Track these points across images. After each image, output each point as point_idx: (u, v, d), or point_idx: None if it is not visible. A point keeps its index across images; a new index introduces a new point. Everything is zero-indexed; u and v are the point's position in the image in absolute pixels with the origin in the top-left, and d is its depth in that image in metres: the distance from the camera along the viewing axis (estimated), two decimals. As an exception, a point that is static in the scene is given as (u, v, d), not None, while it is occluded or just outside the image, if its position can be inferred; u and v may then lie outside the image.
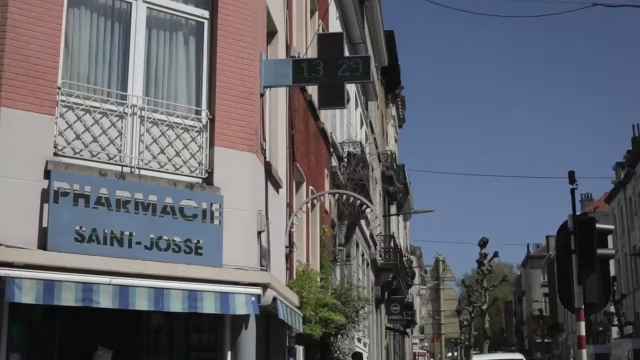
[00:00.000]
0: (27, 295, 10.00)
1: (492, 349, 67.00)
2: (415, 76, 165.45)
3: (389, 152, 46.84)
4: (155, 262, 11.17)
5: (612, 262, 56.06)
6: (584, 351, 12.40)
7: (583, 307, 12.06)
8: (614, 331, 64.62)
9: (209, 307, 11.26)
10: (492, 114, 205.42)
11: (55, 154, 10.94)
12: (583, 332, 12.37)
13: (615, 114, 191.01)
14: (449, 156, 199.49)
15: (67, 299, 10.32)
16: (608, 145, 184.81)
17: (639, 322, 60.23)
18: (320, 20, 22.96)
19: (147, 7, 12.36)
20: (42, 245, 10.48)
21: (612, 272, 54.80)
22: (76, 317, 11.79)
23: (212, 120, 12.46)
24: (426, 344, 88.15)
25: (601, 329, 70.94)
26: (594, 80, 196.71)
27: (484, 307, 53.74)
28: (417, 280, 68.64)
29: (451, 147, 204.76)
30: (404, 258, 50.17)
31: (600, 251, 12.17)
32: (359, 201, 20.38)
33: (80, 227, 10.72)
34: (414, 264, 67.45)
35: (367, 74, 13.45)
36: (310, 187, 20.31)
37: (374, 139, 39.95)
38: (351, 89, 29.12)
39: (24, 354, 10.87)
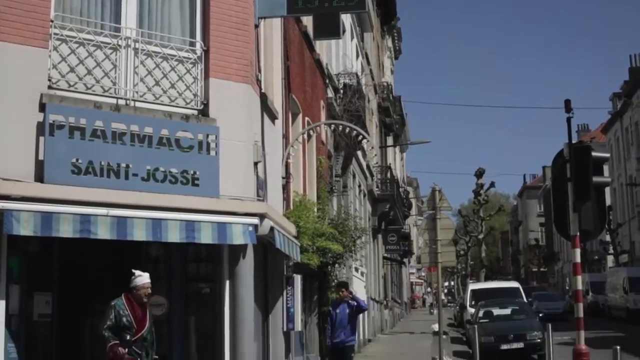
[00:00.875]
0: (25, 228, 10.07)
1: (489, 278, 67.64)
2: (412, 7, 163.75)
3: (385, 84, 46.62)
4: (152, 193, 11.23)
5: (608, 192, 56.23)
6: (579, 278, 12.52)
7: (578, 234, 12.13)
8: (610, 260, 65.14)
9: (206, 237, 11.35)
10: (491, 49, 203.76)
11: (49, 87, 10.92)
12: (578, 259, 12.46)
13: (612, 45, 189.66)
14: (447, 89, 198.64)
15: (65, 230, 10.39)
16: (605, 76, 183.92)
17: (634, 250, 60.71)
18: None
19: (140, -63, 12.21)
20: (39, 178, 10.52)
21: (608, 202, 55.01)
22: (74, 249, 11.89)
23: (206, 52, 12.41)
24: (423, 274, 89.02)
25: (597, 257, 71.51)
26: (592, 11, 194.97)
27: (481, 236, 54.15)
28: (413, 211, 69.00)
29: (449, 80, 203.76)
30: (400, 189, 50.30)
31: (595, 179, 12.21)
32: (355, 132, 20.36)
33: (77, 160, 10.75)
34: (411, 195, 67.70)
35: (362, 4, 13.36)
36: (307, 118, 20.28)
37: (370, 70, 39.74)
38: (346, 19, 28.87)
39: (24, 285, 10.98)
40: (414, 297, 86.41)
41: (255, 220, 11.95)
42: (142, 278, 10.61)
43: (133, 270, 10.73)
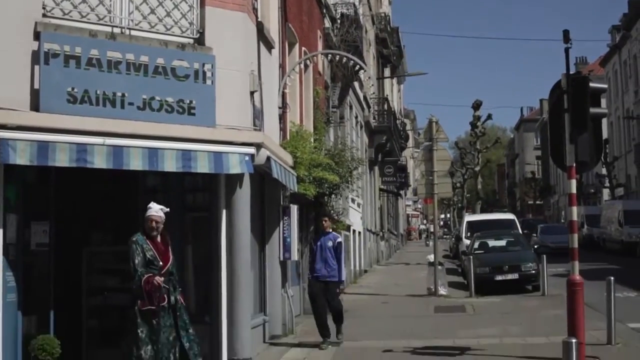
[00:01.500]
0: (21, 157, 10.05)
1: (485, 211, 67.96)
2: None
3: (382, 14, 46.24)
4: (148, 122, 11.19)
5: (605, 125, 56.20)
6: (574, 208, 12.56)
7: (574, 165, 12.15)
8: (605, 193, 65.33)
9: (202, 166, 11.34)
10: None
11: (44, 15, 10.80)
12: (574, 190, 12.49)
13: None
14: (445, 21, 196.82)
15: (61, 159, 10.37)
16: (604, 9, 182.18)
17: (630, 184, 60.86)
18: None
19: None
20: (35, 107, 10.47)
21: (605, 135, 55.03)
22: (71, 180, 11.90)
23: (202, -21, 12.25)
24: (419, 206, 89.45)
25: (592, 191, 71.70)
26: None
27: (477, 168, 54.16)
28: (410, 143, 68.99)
29: (447, 12, 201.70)
30: (397, 121, 50.24)
31: (592, 110, 12.19)
32: (352, 62, 20.27)
33: (72, 89, 10.69)
34: (408, 127, 67.62)
35: None
36: (303, 48, 20.15)
37: (368, 0, 39.37)
38: (344, -52, 28.51)
39: (21, 215, 11.01)
40: (410, 229, 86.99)
41: (252, 150, 11.94)
42: (150, 210, 10.55)
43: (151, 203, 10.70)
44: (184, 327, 10.51)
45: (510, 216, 37.85)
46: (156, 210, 10.61)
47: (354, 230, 29.92)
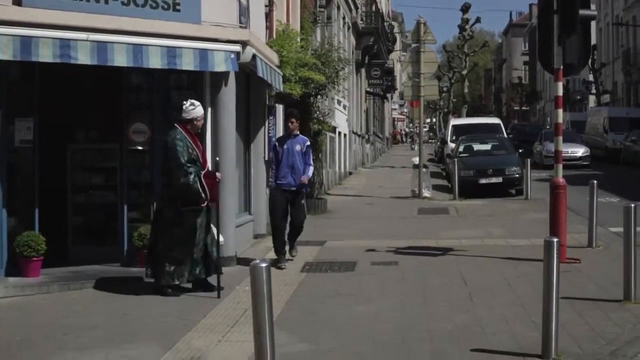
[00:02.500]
0: (4, 52, 9.98)
1: (471, 115, 67.90)
2: None
3: None
4: (132, 18, 11.05)
5: (593, 31, 55.71)
6: (560, 111, 12.54)
7: (562, 67, 12.10)
8: (591, 100, 65.32)
9: (187, 63, 11.24)
10: None
11: None
12: (560, 93, 12.45)
13: None
14: None
15: (45, 55, 10.27)
16: None
17: (616, 91, 60.82)
18: None
19: None
20: (17, 1, 10.32)
21: (594, 41, 54.61)
22: (56, 76, 11.79)
23: None
24: (405, 110, 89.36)
25: (579, 97, 71.69)
26: None
27: (464, 72, 54.00)
28: (398, 46, 68.52)
29: None
30: (385, 23, 49.77)
31: (582, 11, 12.06)
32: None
33: (55, -18, 10.50)
34: (396, 30, 66.98)
35: None
36: (291, -55, 19.80)
37: None
38: None
39: (4, 111, 10.95)
40: (395, 132, 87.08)
41: (237, 48, 11.81)
42: (198, 109, 10.43)
43: (189, 101, 10.55)
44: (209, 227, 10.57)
45: (495, 120, 37.76)
46: (202, 110, 10.55)
47: (339, 132, 29.92)
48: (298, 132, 13.01)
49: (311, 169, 13.07)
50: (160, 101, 12.55)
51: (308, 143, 13.07)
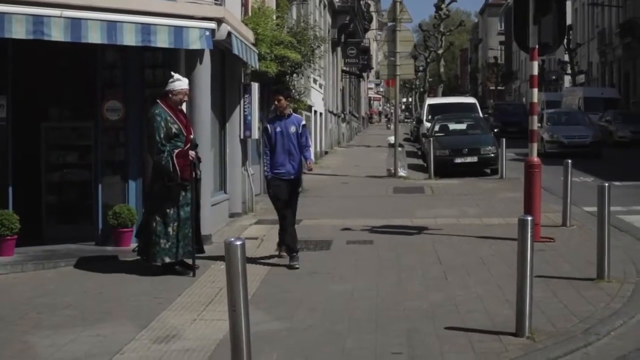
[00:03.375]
0: (-25, 28, 9.84)
1: (446, 95, 67.98)
2: None
3: None
4: (107, -6, 10.93)
5: (569, 11, 55.89)
6: (535, 91, 12.57)
7: (537, 47, 12.12)
8: (567, 80, 65.50)
9: (162, 41, 11.16)
10: None
11: None
12: (536, 72, 12.48)
13: None
14: None
15: (18, 31, 10.18)
16: None
17: (591, 71, 61.03)
18: None
19: None
20: (-12, -24, 10.19)
21: (569, 21, 54.73)
22: (29, 53, 11.69)
23: None
24: (381, 89, 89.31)
25: (554, 77, 71.87)
26: None
27: (440, 51, 54.07)
28: (374, 25, 68.36)
29: None
30: (361, 1, 49.65)
31: (557, -10, 12.11)
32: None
33: (28, -43, 10.37)
34: (372, 8, 66.84)
35: None
36: None
37: None
38: None
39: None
40: (371, 112, 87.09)
41: (213, 25, 11.72)
42: (182, 83, 10.35)
43: (172, 73, 10.50)
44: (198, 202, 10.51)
45: (471, 100, 37.82)
46: (186, 83, 10.47)
47: (315, 111, 29.87)
48: (290, 111, 11.30)
49: (312, 151, 11.83)
50: (134, 79, 12.45)
51: (303, 122, 11.33)
